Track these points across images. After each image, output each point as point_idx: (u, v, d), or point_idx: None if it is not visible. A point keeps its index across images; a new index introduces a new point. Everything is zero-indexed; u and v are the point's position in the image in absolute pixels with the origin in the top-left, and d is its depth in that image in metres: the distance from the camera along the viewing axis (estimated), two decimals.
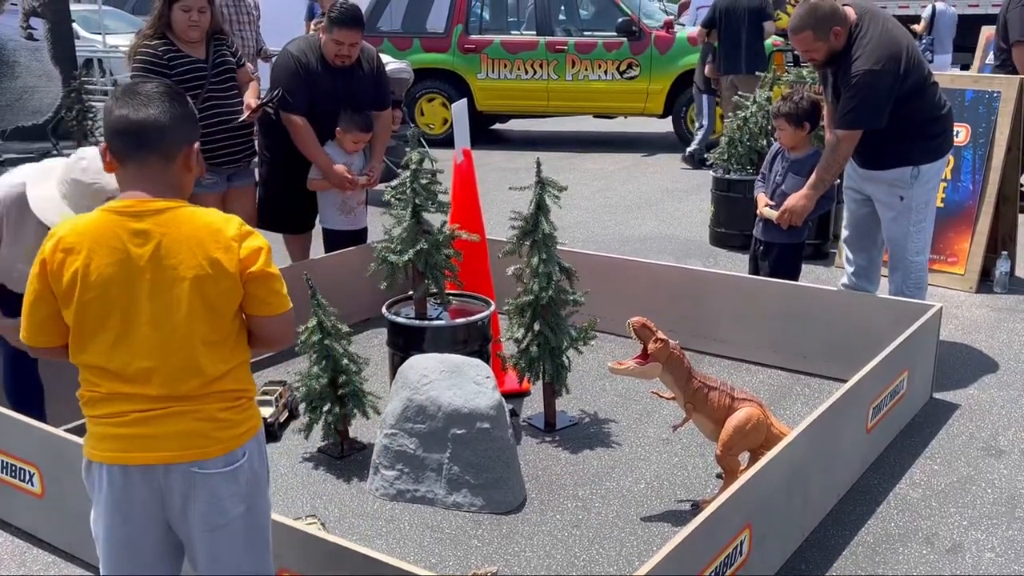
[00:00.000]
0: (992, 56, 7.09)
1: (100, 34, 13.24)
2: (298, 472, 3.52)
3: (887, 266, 4.42)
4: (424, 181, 3.81)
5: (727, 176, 6.43)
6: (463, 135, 4.25)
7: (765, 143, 6.13)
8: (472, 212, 4.19)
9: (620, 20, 10.15)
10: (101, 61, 13.98)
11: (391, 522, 3.19)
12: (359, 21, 4.75)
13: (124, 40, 11.32)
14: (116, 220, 1.95)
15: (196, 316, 1.95)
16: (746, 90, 7.11)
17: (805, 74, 6.20)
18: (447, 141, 5.46)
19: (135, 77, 4.34)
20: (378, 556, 2.37)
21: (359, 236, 5.09)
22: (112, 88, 12.57)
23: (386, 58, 5.98)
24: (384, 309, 3.96)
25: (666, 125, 10.84)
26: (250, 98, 4.66)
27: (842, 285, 4.61)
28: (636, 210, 7.74)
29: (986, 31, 8.55)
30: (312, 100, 4.75)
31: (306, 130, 4.76)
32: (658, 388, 3.34)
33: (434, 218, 3.89)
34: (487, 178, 7.52)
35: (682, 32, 10.37)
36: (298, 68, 4.73)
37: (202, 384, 1.98)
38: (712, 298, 4.54)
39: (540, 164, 3.69)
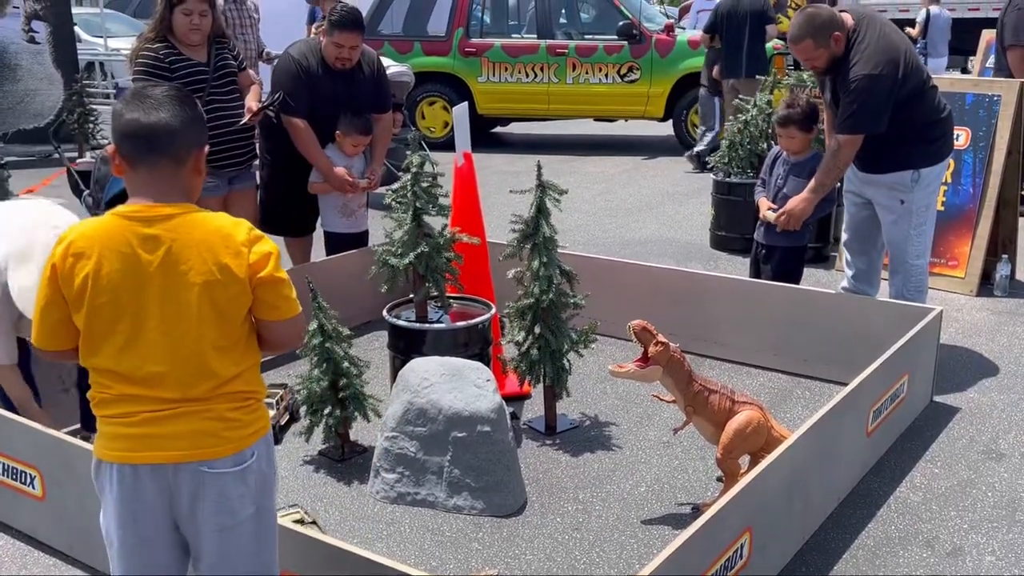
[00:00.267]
0: (992, 59, 7.12)
1: (102, 37, 13.26)
2: (299, 475, 3.52)
3: (887, 269, 4.42)
4: (425, 184, 3.82)
5: (728, 179, 6.44)
6: (464, 138, 4.25)
7: (766, 146, 6.13)
8: (473, 215, 4.19)
9: (621, 24, 10.17)
10: (103, 64, 14.00)
11: (391, 525, 3.19)
12: (359, 24, 4.76)
13: (126, 43, 11.33)
14: (126, 225, 1.95)
15: (206, 321, 1.96)
16: (747, 93, 7.11)
17: (805, 77, 6.20)
18: (448, 144, 5.47)
19: (137, 80, 4.35)
20: (379, 559, 2.37)
21: (360, 239, 5.10)
22: (114, 91, 12.60)
23: (387, 61, 5.99)
24: (385, 312, 3.97)
25: (666, 128, 10.85)
26: (251, 101, 4.67)
27: (842, 288, 4.61)
28: (636, 213, 7.75)
29: (986, 35, 8.58)
30: (313, 103, 4.76)
31: (307, 133, 4.77)
32: (659, 391, 3.34)
33: (435, 221, 3.90)
34: (488, 181, 7.52)
35: (683, 36, 10.38)
36: (299, 71, 4.74)
37: (215, 386, 1.99)
38: (713, 301, 4.54)
39: (541, 167, 3.70)
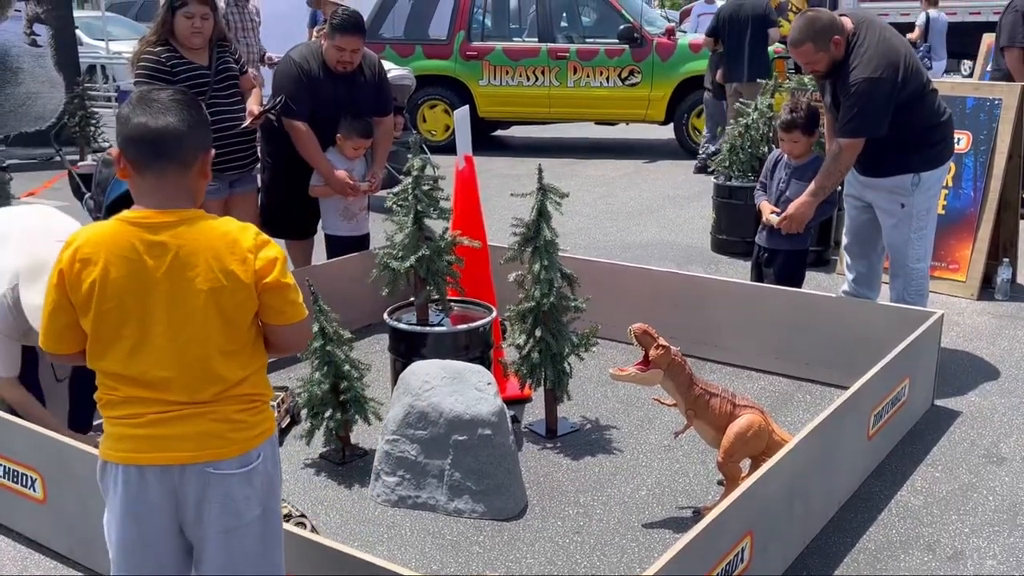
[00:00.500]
0: (991, 63, 7.13)
1: (103, 40, 13.28)
2: (299, 478, 3.52)
3: (888, 273, 4.42)
4: (426, 187, 3.82)
5: (729, 183, 6.44)
6: (465, 141, 4.26)
7: (766, 150, 6.13)
8: (474, 218, 4.20)
9: (622, 27, 10.17)
10: (104, 67, 14.01)
11: (392, 528, 3.19)
12: (360, 27, 4.77)
13: (127, 47, 11.35)
14: (132, 231, 1.95)
15: (213, 327, 1.97)
16: (749, 97, 7.12)
17: (806, 81, 6.20)
18: (449, 148, 5.47)
19: (138, 84, 4.36)
20: (379, 562, 2.37)
21: (361, 242, 5.10)
22: (115, 94, 12.61)
23: (388, 65, 6.00)
24: (386, 315, 3.97)
25: (667, 132, 10.85)
26: (253, 104, 4.68)
27: (842, 292, 4.61)
28: (637, 216, 7.75)
29: (987, 39, 8.58)
30: (314, 107, 4.77)
31: (308, 136, 4.77)
32: (659, 395, 3.34)
33: (436, 224, 3.90)
34: (489, 184, 7.52)
35: (684, 39, 10.38)
36: (300, 74, 4.75)
37: (222, 390, 2.00)
38: (713, 305, 4.54)
39: (542, 170, 3.70)
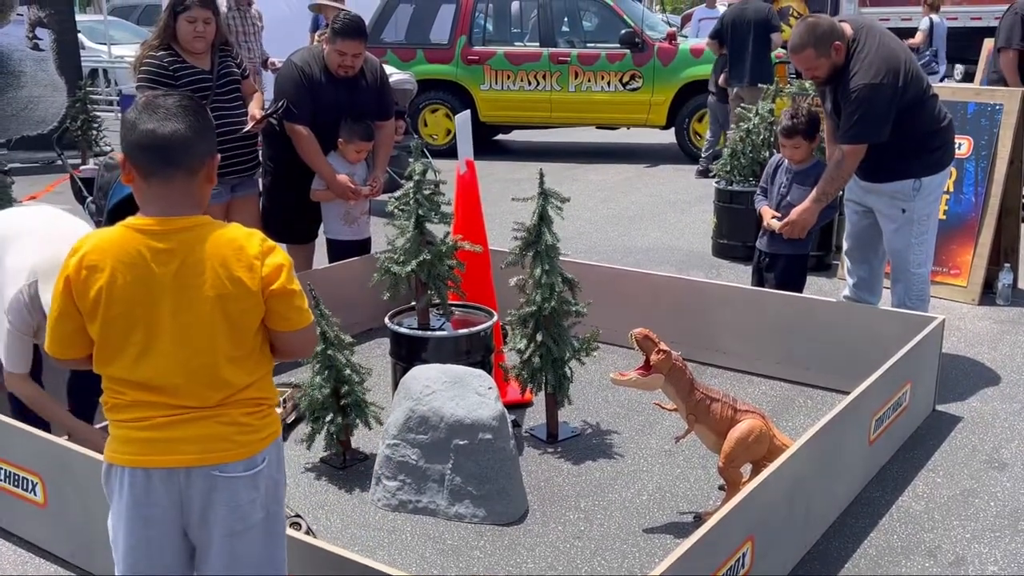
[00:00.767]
0: (990, 66, 7.13)
1: (105, 44, 13.32)
2: (300, 482, 3.52)
3: (889, 278, 4.42)
4: (427, 192, 3.82)
5: (730, 187, 6.44)
6: (466, 146, 4.26)
7: (768, 155, 6.13)
8: (475, 223, 4.20)
9: (623, 32, 10.19)
10: (106, 71, 14.06)
11: (393, 533, 3.18)
12: (362, 32, 4.78)
13: (129, 51, 11.39)
14: (139, 239, 1.95)
15: (219, 333, 1.97)
16: (751, 101, 7.12)
17: (808, 86, 6.20)
18: (450, 152, 5.47)
19: (140, 88, 4.37)
20: (380, 567, 2.37)
21: (363, 246, 5.11)
22: (117, 98, 12.64)
23: (390, 69, 6.00)
24: (387, 319, 3.97)
25: (668, 136, 10.86)
26: (254, 109, 4.69)
27: (843, 297, 4.61)
28: (639, 221, 7.75)
29: (988, 44, 8.58)
30: (316, 111, 4.77)
31: (310, 140, 4.78)
32: (660, 399, 3.34)
33: (437, 229, 3.90)
34: (490, 189, 7.53)
35: (685, 44, 10.40)
36: (302, 79, 4.75)
37: (228, 395, 2.01)
38: (715, 309, 4.54)
39: (543, 175, 3.70)
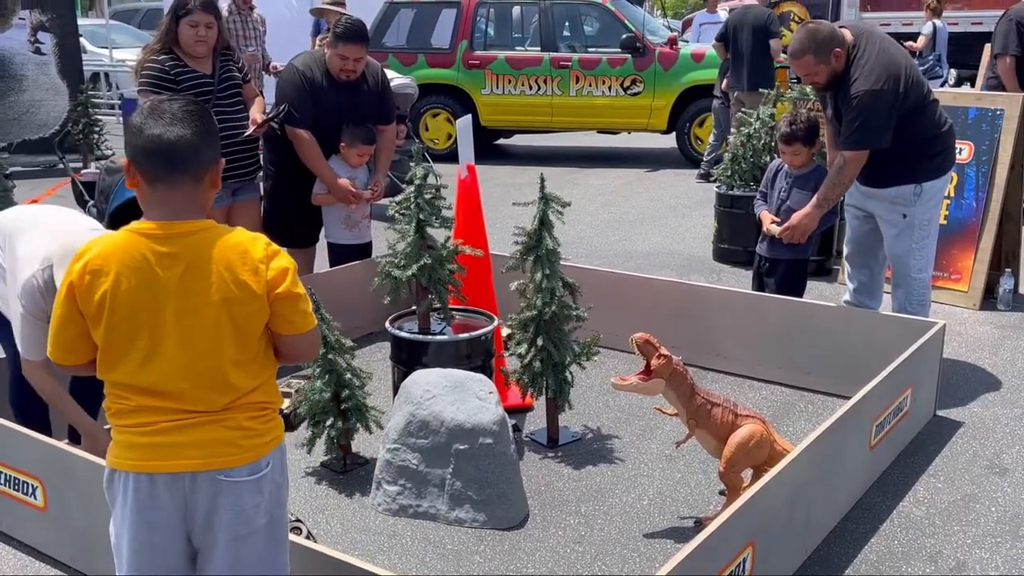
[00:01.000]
0: (989, 71, 7.14)
1: (107, 48, 13.34)
2: (300, 486, 3.51)
3: (890, 283, 4.42)
4: (428, 196, 3.83)
5: (731, 192, 6.45)
6: (467, 150, 4.26)
7: (768, 159, 6.14)
8: (476, 227, 4.20)
9: (624, 36, 10.20)
10: (108, 75, 14.07)
11: (393, 537, 3.18)
12: (364, 36, 4.78)
13: (131, 55, 11.41)
14: (143, 243, 1.95)
15: (224, 337, 1.97)
16: (751, 106, 7.12)
17: (808, 91, 6.21)
18: (451, 156, 5.47)
19: (142, 92, 4.38)
20: (380, 572, 2.36)
21: (364, 250, 5.11)
22: (119, 102, 12.65)
23: (391, 73, 6.01)
24: (388, 324, 3.97)
25: (669, 141, 10.86)
26: (256, 113, 4.69)
27: (844, 302, 4.61)
28: (639, 226, 7.75)
29: (988, 49, 8.58)
30: (317, 115, 4.77)
31: (311, 144, 4.78)
32: (661, 404, 3.34)
33: (438, 233, 3.90)
34: (491, 193, 7.52)
35: (686, 49, 10.41)
36: (303, 83, 4.76)
37: (234, 399, 2.01)
38: (715, 314, 4.54)
39: (544, 179, 3.70)
